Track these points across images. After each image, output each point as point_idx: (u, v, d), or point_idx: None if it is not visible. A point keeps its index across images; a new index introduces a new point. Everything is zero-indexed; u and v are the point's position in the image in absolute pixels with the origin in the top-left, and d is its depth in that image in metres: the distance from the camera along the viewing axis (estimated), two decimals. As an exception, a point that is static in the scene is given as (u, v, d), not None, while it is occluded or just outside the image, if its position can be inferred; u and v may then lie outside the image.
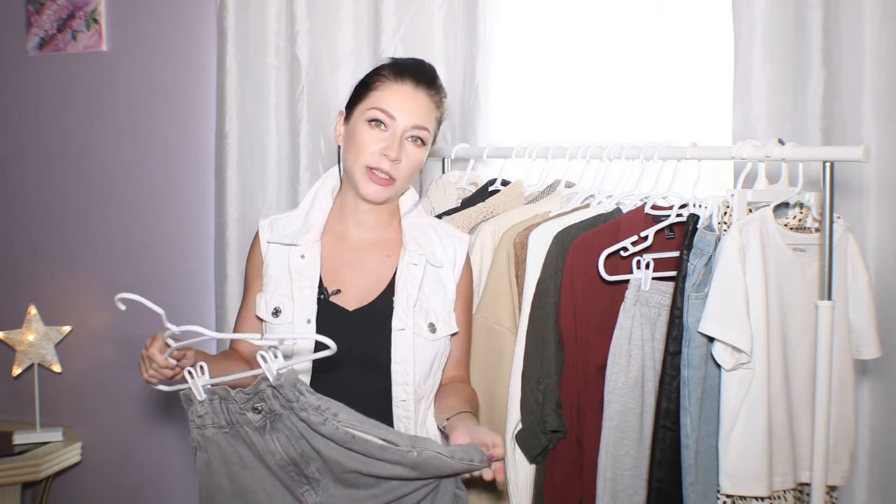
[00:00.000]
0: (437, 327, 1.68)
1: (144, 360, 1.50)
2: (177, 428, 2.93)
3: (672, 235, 1.79)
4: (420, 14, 2.51)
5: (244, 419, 1.46)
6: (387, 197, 1.69)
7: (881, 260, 2.12)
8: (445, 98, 1.75)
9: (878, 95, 2.09)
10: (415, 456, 1.42)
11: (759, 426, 1.60)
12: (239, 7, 2.68)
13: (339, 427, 1.42)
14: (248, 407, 1.45)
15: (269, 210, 2.71)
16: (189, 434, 1.51)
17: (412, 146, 1.67)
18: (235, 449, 1.49)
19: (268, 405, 1.44)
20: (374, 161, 1.64)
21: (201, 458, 1.50)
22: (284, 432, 1.45)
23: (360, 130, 1.66)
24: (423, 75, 1.70)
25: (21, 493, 2.78)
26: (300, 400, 1.42)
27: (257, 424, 1.46)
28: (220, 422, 1.48)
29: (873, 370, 2.13)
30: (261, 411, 1.45)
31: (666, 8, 2.34)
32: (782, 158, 1.68)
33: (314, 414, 1.42)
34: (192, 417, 1.49)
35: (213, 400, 1.47)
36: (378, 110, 1.65)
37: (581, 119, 2.43)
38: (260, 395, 1.44)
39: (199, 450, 1.50)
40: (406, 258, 1.70)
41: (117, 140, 2.97)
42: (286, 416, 1.44)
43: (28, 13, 3.02)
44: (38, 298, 2.97)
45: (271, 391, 1.43)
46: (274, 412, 1.44)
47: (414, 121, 1.66)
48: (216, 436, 1.49)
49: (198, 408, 1.48)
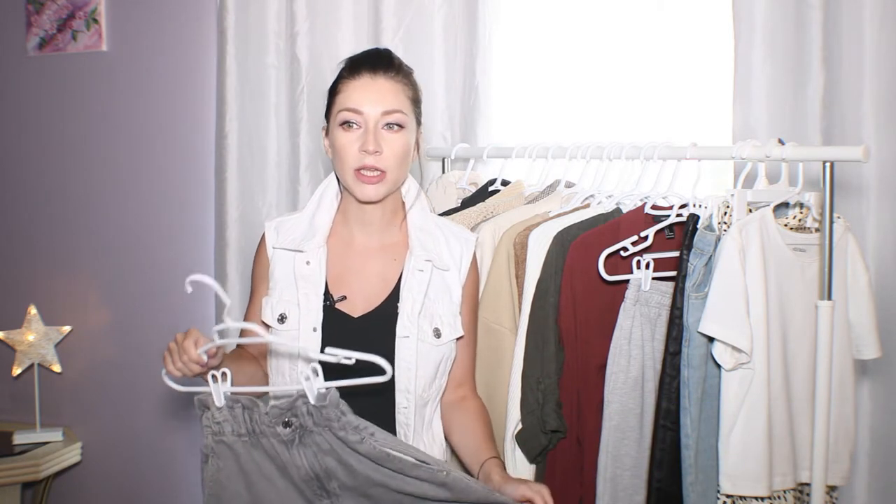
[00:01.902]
0: (443, 332, 1.67)
1: (173, 352, 1.48)
2: (177, 428, 2.93)
3: (672, 235, 1.79)
4: (420, 14, 2.51)
5: (271, 431, 1.44)
6: (384, 192, 1.66)
7: (881, 260, 2.12)
8: (411, 74, 1.71)
9: (878, 95, 2.09)
10: (444, 476, 1.43)
11: (759, 426, 1.60)
12: (239, 7, 2.68)
13: (376, 447, 1.42)
14: (279, 421, 1.43)
15: (270, 210, 2.71)
16: (202, 440, 1.48)
17: (390, 133, 1.63)
18: (253, 458, 1.47)
19: (300, 420, 1.42)
20: (358, 161, 1.62)
21: (213, 466, 1.47)
22: (312, 448, 1.44)
23: (337, 137, 1.65)
24: (378, 62, 1.66)
25: (21, 493, 2.78)
26: (341, 420, 1.41)
27: (285, 438, 1.44)
28: (240, 430, 1.46)
29: (873, 370, 2.13)
30: (290, 425, 1.43)
31: (666, 8, 2.34)
32: (782, 158, 1.68)
33: (352, 433, 1.41)
34: (209, 423, 1.46)
35: (235, 408, 1.45)
36: (345, 111, 1.63)
37: (581, 119, 2.43)
38: (293, 410, 1.42)
39: (212, 457, 1.47)
40: (412, 263, 1.68)
41: (117, 140, 2.97)
42: (318, 432, 1.43)
43: (28, 13, 3.02)
44: (38, 298, 2.97)
45: (306, 408, 1.41)
46: (305, 428, 1.43)
47: (381, 107, 1.63)
48: (235, 444, 1.46)
49: (215, 414, 1.45)
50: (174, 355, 1.48)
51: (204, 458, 1.49)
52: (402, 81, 1.67)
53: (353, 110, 1.63)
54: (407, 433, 1.64)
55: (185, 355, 1.46)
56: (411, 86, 1.69)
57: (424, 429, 1.68)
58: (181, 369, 1.48)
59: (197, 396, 1.47)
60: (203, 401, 1.46)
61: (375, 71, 1.65)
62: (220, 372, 1.45)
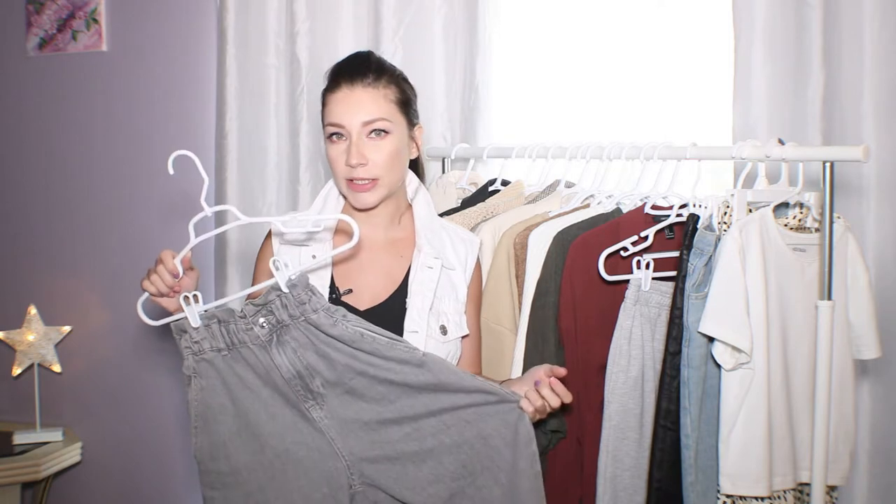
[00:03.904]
0: (449, 329, 1.68)
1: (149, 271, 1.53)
2: (177, 427, 2.93)
3: (672, 235, 1.79)
4: (420, 14, 2.51)
5: (250, 335, 1.46)
6: (380, 197, 1.67)
7: (881, 260, 2.12)
8: (395, 74, 1.69)
9: (878, 95, 2.09)
10: (420, 355, 1.45)
11: (759, 426, 1.60)
12: (239, 7, 2.68)
13: (349, 326, 1.44)
14: (256, 320, 1.46)
15: (270, 210, 2.71)
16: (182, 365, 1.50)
17: (374, 141, 1.64)
18: (235, 371, 1.49)
19: (276, 316, 1.45)
20: (347, 173, 1.65)
21: (196, 386, 1.50)
22: (291, 344, 1.46)
23: (327, 149, 1.68)
24: (355, 70, 1.66)
25: (21, 493, 2.78)
26: (312, 300, 1.43)
27: (264, 339, 1.46)
28: (218, 345, 1.48)
29: (873, 370, 2.13)
30: (266, 324, 1.46)
31: (666, 7, 2.34)
32: (782, 158, 1.68)
33: (324, 315, 1.43)
34: (188, 345, 1.49)
35: (211, 325, 1.48)
36: (330, 126, 1.66)
37: (581, 119, 2.43)
38: (268, 306, 1.45)
39: (195, 377, 1.50)
40: (420, 259, 1.70)
41: (117, 140, 2.97)
42: (293, 325, 1.45)
43: (28, 13, 3.02)
44: (38, 298, 2.97)
45: (280, 300, 1.44)
46: (281, 323, 1.45)
47: (360, 118, 1.63)
48: (215, 359, 1.49)
49: (193, 334, 1.48)
50: (150, 272, 1.53)
51: (186, 380, 1.51)
52: (383, 86, 1.66)
53: (337, 125, 1.65)
54: None
55: (160, 265, 1.51)
56: (395, 87, 1.68)
57: None
58: (155, 282, 1.52)
59: (174, 322, 1.49)
60: (180, 325, 1.49)
61: (353, 81, 1.65)
62: (191, 294, 1.48)
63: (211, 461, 1.51)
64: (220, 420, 1.50)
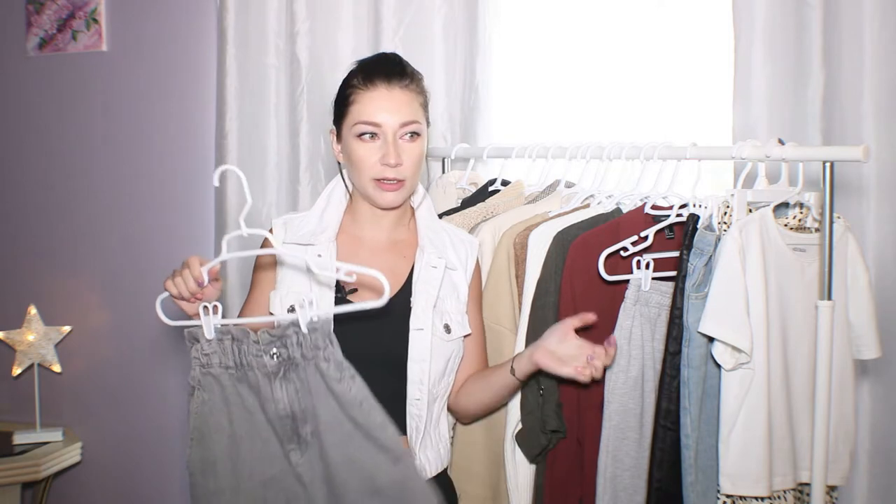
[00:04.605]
0: (452, 328, 1.69)
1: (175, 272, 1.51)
2: (177, 427, 2.93)
3: (672, 235, 1.79)
4: (420, 14, 2.51)
5: (258, 362, 1.46)
6: (404, 198, 1.69)
7: (881, 260, 2.12)
8: (422, 79, 1.72)
9: (878, 95, 2.09)
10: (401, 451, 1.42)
11: (759, 426, 1.60)
12: (239, 7, 2.68)
13: (352, 389, 1.42)
14: (268, 349, 1.45)
15: (270, 210, 2.71)
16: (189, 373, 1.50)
17: (408, 143, 1.66)
18: (237, 390, 1.49)
19: (288, 352, 1.44)
20: (379, 173, 1.64)
21: (198, 398, 1.50)
22: (295, 383, 1.45)
23: (354, 148, 1.66)
24: (392, 70, 1.67)
25: (21, 493, 2.78)
26: (327, 349, 1.42)
27: (271, 370, 1.45)
28: (227, 362, 1.48)
29: (873, 370, 2.13)
30: (278, 356, 1.45)
31: (666, 7, 2.34)
32: (782, 158, 1.68)
33: (334, 368, 1.42)
34: (197, 355, 1.48)
35: (224, 340, 1.47)
36: (363, 124, 1.64)
37: (581, 119, 2.43)
38: (283, 339, 1.44)
39: (198, 389, 1.49)
40: (424, 259, 1.71)
41: (117, 140, 2.97)
42: (303, 366, 1.44)
43: (28, 13, 3.02)
44: (38, 298, 2.97)
45: (297, 338, 1.43)
46: (292, 360, 1.44)
47: (400, 119, 1.64)
48: (221, 375, 1.48)
49: (204, 346, 1.47)
50: (176, 273, 1.51)
51: (190, 389, 1.51)
52: (415, 89, 1.68)
53: (372, 123, 1.64)
54: (418, 425, 1.65)
55: (186, 269, 1.49)
56: (422, 91, 1.71)
57: (433, 425, 1.70)
58: (178, 285, 1.50)
59: (188, 329, 1.49)
60: (193, 333, 1.48)
61: (391, 81, 1.65)
62: (211, 304, 1.47)
63: (201, 475, 1.51)
64: (215, 438, 1.50)
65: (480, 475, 1.84)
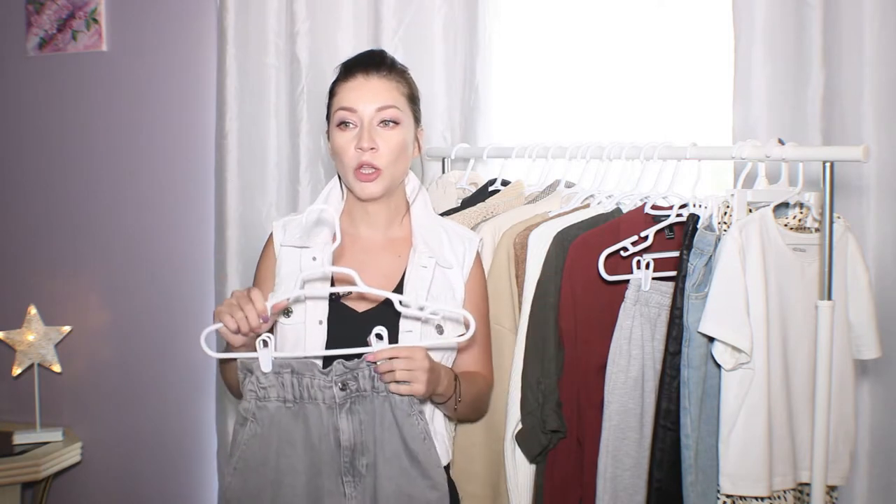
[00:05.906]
0: (445, 329, 1.67)
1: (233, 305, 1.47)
2: (177, 428, 2.93)
3: (672, 235, 1.79)
4: (420, 14, 2.51)
5: (325, 393, 1.46)
6: (384, 188, 1.68)
7: (881, 260, 2.12)
8: (406, 73, 1.74)
9: (878, 95, 2.09)
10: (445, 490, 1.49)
11: (759, 426, 1.60)
12: (239, 7, 2.67)
13: (419, 423, 1.46)
14: (339, 380, 1.46)
15: (270, 210, 2.70)
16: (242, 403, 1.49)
17: (385, 130, 1.66)
18: (292, 426, 1.49)
19: (359, 384, 1.45)
20: (355, 160, 1.65)
21: (250, 430, 1.50)
22: (360, 415, 1.47)
23: (335, 138, 1.68)
24: (371, 62, 1.70)
25: (21, 493, 2.78)
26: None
27: (338, 401, 1.46)
28: (286, 395, 1.48)
29: (873, 370, 2.13)
30: (347, 388, 1.46)
31: (666, 7, 2.34)
32: (782, 158, 1.68)
33: (407, 403, 1.44)
34: (253, 388, 1.48)
35: (283, 373, 1.47)
36: (341, 111, 1.67)
37: (581, 119, 2.43)
38: (355, 372, 1.45)
39: (251, 422, 1.49)
40: (415, 260, 1.70)
41: (117, 140, 2.97)
42: (370, 398, 1.45)
43: (28, 13, 3.02)
44: (38, 298, 2.96)
45: (369, 371, 1.44)
46: (360, 392, 1.45)
47: (375, 104, 1.66)
48: (278, 410, 1.48)
49: (261, 379, 1.47)
50: (234, 307, 1.47)
51: (241, 420, 1.51)
52: (396, 79, 1.70)
53: (348, 109, 1.66)
54: None
55: (248, 304, 1.46)
56: (406, 83, 1.72)
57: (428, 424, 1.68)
58: (240, 320, 1.46)
59: (240, 360, 1.48)
60: (247, 364, 1.48)
61: (368, 71, 1.68)
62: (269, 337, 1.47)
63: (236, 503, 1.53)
64: (259, 472, 1.50)
65: (481, 475, 1.84)
